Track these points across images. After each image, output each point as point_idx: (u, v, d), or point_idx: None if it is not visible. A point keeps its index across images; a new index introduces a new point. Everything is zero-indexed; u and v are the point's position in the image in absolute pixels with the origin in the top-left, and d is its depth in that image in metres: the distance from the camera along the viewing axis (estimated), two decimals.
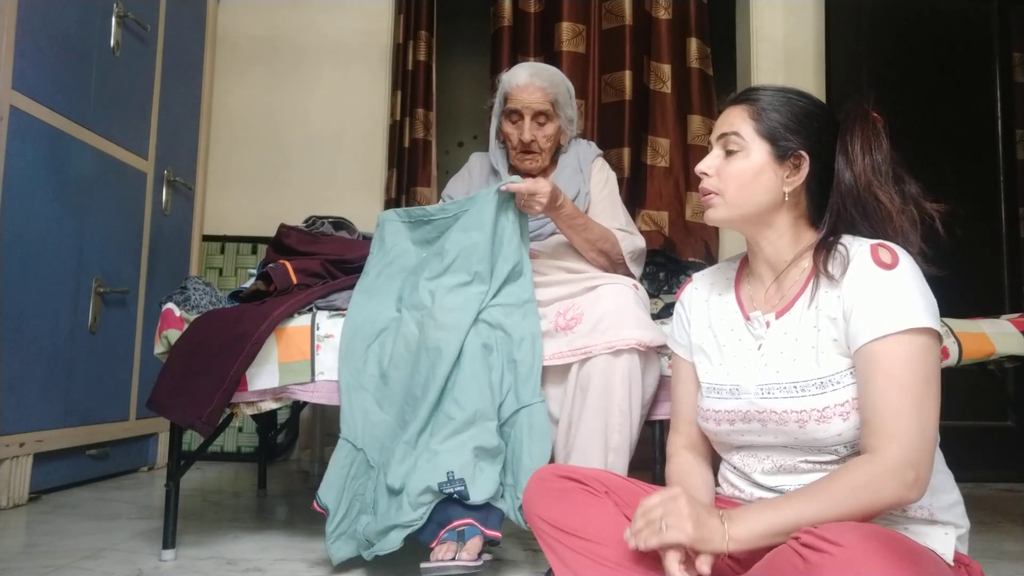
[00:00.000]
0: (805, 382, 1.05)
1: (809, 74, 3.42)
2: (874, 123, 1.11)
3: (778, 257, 1.15)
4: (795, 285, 1.12)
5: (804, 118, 1.12)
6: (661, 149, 3.33)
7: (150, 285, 2.82)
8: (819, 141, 1.12)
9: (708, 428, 1.18)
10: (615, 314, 1.62)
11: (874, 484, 0.93)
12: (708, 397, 1.18)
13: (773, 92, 1.15)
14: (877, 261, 1.02)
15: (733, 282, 1.24)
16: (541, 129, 1.98)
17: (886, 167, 1.09)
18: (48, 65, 2.24)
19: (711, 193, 1.15)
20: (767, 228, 1.14)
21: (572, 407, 1.61)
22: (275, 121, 3.43)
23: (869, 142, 1.09)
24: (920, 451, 0.94)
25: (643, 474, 1.46)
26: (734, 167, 1.13)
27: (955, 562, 1.00)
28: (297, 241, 1.96)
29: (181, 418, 1.61)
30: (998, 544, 1.89)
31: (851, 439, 1.03)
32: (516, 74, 2.00)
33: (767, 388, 1.09)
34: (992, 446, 2.96)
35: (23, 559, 1.61)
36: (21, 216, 2.14)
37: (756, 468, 1.12)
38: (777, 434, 1.08)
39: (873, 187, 1.08)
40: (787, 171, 1.12)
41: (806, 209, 1.14)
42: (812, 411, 1.04)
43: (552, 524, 1.13)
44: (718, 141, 1.16)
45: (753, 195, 1.12)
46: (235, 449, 3.20)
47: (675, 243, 3.26)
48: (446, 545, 1.42)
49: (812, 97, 1.16)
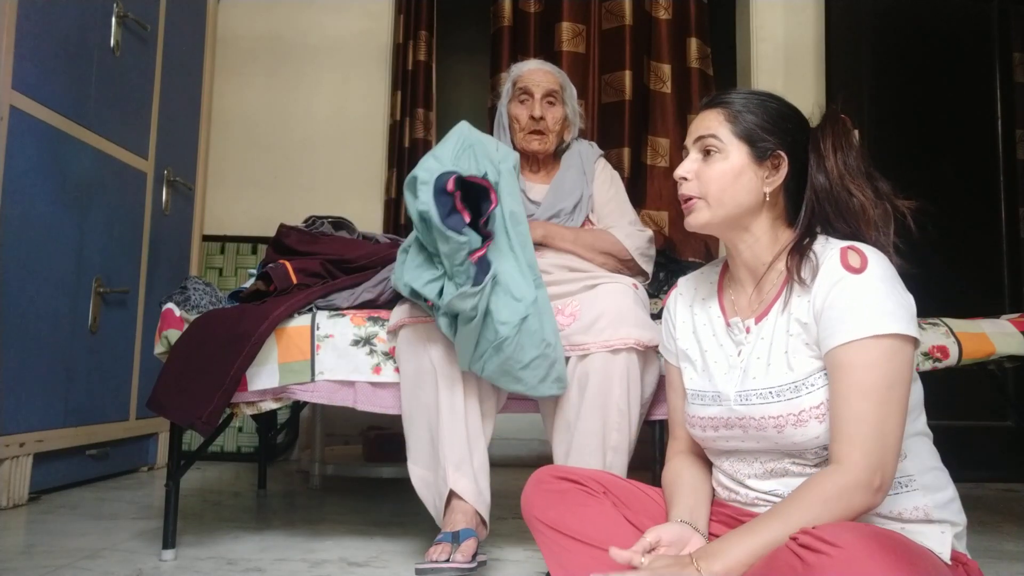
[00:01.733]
0: (780, 387, 1.06)
1: (809, 74, 3.42)
2: (843, 123, 1.12)
3: (756, 260, 1.15)
4: (772, 289, 1.13)
5: (779, 119, 1.13)
6: (661, 149, 3.34)
7: (150, 285, 2.82)
8: (794, 141, 1.13)
9: (695, 434, 1.18)
10: (613, 313, 1.62)
11: (844, 495, 0.95)
12: (693, 404, 1.18)
13: (745, 95, 1.15)
14: (846, 265, 1.03)
15: (716, 287, 1.24)
16: (550, 109, 2.03)
17: (856, 163, 1.10)
18: (48, 65, 2.24)
19: (692, 198, 1.15)
20: (745, 232, 1.14)
21: (570, 406, 1.61)
22: (275, 121, 3.44)
23: (840, 140, 1.11)
24: (881, 456, 0.95)
25: (643, 474, 1.46)
26: (714, 169, 1.13)
27: (952, 560, 1.00)
28: (297, 241, 1.96)
29: (181, 418, 1.61)
30: (998, 544, 1.89)
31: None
32: (526, 62, 2.14)
33: (745, 395, 1.09)
34: (992, 446, 2.96)
35: (23, 559, 1.61)
36: (21, 216, 2.14)
37: (747, 473, 1.12)
38: (759, 440, 1.08)
39: (846, 181, 1.09)
40: (766, 171, 1.12)
41: (784, 210, 1.15)
42: (789, 415, 1.04)
43: (550, 525, 1.13)
44: (695, 144, 1.16)
45: (735, 196, 1.12)
46: (235, 449, 3.20)
47: (675, 243, 3.26)
48: (440, 546, 1.43)
49: (783, 99, 1.17)
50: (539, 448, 3.13)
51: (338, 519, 2.11)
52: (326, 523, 2.05)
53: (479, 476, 1.57)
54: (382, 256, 1.93)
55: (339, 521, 2.08)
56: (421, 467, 1.62)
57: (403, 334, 1.64)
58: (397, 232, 3.17)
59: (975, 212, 3.11)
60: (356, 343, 1.70)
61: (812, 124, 1.16)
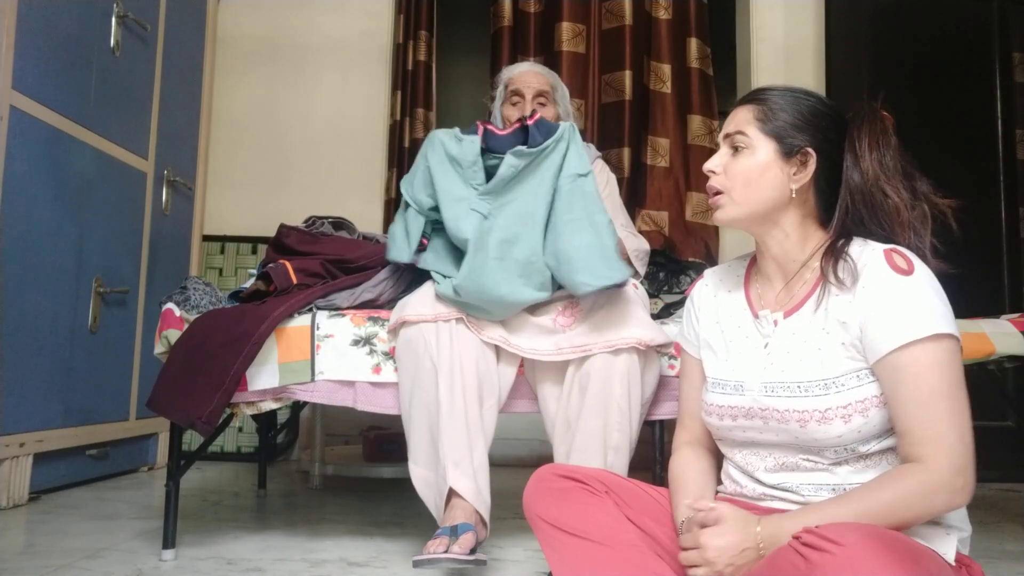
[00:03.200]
0: (809, 382, 1.05)
1: (809, 74, 3.42)
2: (882, 121, 1.12)
3: (786, 257, 1.15)
4: (805, 286, 1.12)
5: (811, 116, 1.12)
6: (661, 149, 3.34)
7: (150, 285, 2.82)
8: (826, 139, 1.12)
9: (711, 423, 1.18)
10: (615, 313, 1.62)
11: (927, 493, 0.93)
12: (712, 392, 1.18)
13: (780, 92, 1.15)
14: (893, 267, 1.02)
15: (743, 279, 1.23)
16: (542, 109, 2.06)
17: (894, 164, 1.09)
18: (48, 65, 2.24)
19: (719, 193, 1.15)
20: (774, 227, 1.14)
21: (570, 406, 1.61)
22: (275, 121, 3.44)
23: (877, 139, 1.10)
24: (964, 457, 0.95)
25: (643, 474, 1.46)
26: (740, 164, 1.13)
27: (956, 562, 1.00)
28: (297, 241, 1.96)
29: (181, 418, 1.61)
30: (998, 544, 1.90)
31: (851, 441, 1.03)
32: (516, 65, 2.21)
33: (771, 386, 1.09)
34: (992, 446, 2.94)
35: (23, 559, 1.61)
36: (21, 216, 2.14)
37: (759, 466, 1.12)
38: (778, 432, 1.08)
39: (881, 182, 1.08)
40: (794, 168, 1.11)
41: (814, 208, 1.14)
42: (814, 411, 1.04)
43: (552, 524, 1.13)
44: (725, 140, 1.17)
45: (760, 192, 1.12)
46: (235, 449, 3.20)
47: (675, 243, 3.26)
48: (438, 539, 1.43)
49: (820, 96, 1.16)
50: (539, 448, 3.13)
51: (338, 519, 2.11)
52: (326, 523, 2.05)
53: (479, 475, 1.57)
54: (382, 256, 1.93)
55: (339, 521, 2.08)
56: (421, 467, 1.62)
57: (403, 333, 1.64)
58: None
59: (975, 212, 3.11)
60: (356, 343, 1.70)
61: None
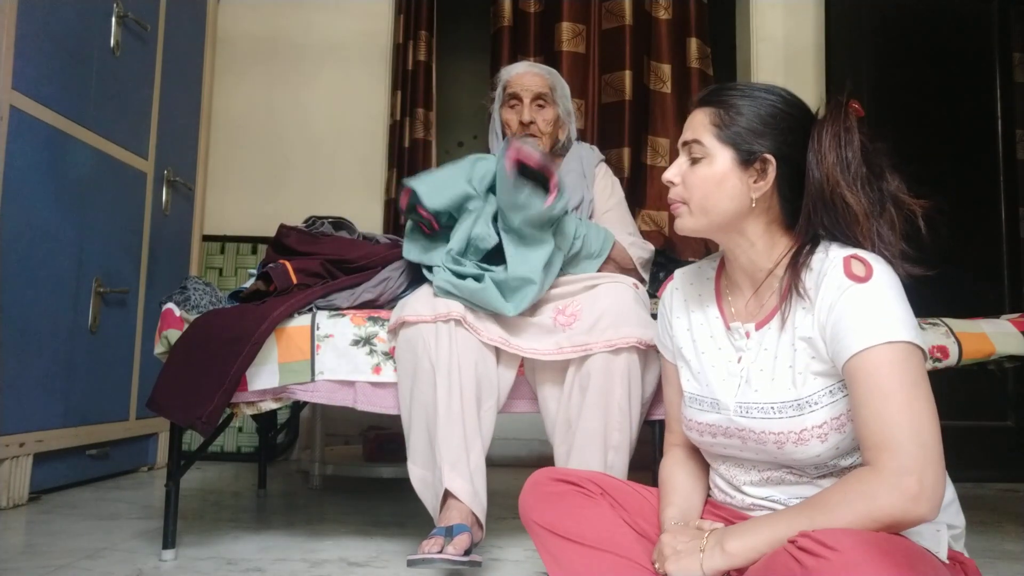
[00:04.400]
0: (783, 403, 1.03)
1: (809, 74, 3.42)
2: (847, 116, 1.06)
3: (754, 266, 1.12)
4: (772, 297, 1.09)
5: (771, 119, 1.08)
6: (661, 149, 3.34)
7: (150, 285, 2.82)
8: (787, 142, 1.07)
9: (692, 438, 1.17)
10: (615, 312, 1.62)
11: (868, 492, 0.90)
12: (690, 407, 1.16)
13: (740, 93, 1.10)
14: (850, 275, 0.99)
15: (713, 285, 1.21)
16: (540, 112, 2.03)
17: (856, 164, 1.04)
18: (48, 65, 2.24)
19: (677, 202, 1.13)
20: (739, 236, 1.11)
21: (570, 406, 1.61)
22: (275, 121, 3.44)
23: (839, 137, 1.04)
24: (915, 459, 0.90)
25: (643, 474, 1.46)
26: (698, 175, 1.10)
27: (949, 559, 1.00)
28: (297, 241, 1.96)
29: (181, 418, 1.61)
30: (998, 544, 1.89)
31: (830, 458, 1.02)
32: (514, 66, 2.14)
33: (745, 407, 1.07)
34: (992, 446, 2.96)
35: (23, 559, 1.61)
36: (21, 216, 2.14)
37: (743, 479, 1.12)
38: (757, 451, 1.07)
39: (840, 188, 1.03)
40: (753, 176, 1.08)
41: (779, 214, 1.10)
42: (790, 433, 1.02)
43: (547, 528, 1.13)
44: (683, 148, 1.13)
45: (719, 203, 1.08)
46: (235, 449, 3.20)
47: (675, 243, 3.26)
48: (433, 539, 1.43)
49: (783, 94, 1.10)
50: (539, 448, 3.13)
51: (338, 519, 2.11)
52: (326, 523, 2.05)
53: (475, 477, 1.57)
54: (382, 256, 1.93)
55: (339, 521, 2.08)
56: (420, 467, 1.62)
57: (403, 334, 1.65)
58: (397, 232, 3.17)
59: (975, 212, 3.11)
60: (356, 343, 1.70)
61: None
